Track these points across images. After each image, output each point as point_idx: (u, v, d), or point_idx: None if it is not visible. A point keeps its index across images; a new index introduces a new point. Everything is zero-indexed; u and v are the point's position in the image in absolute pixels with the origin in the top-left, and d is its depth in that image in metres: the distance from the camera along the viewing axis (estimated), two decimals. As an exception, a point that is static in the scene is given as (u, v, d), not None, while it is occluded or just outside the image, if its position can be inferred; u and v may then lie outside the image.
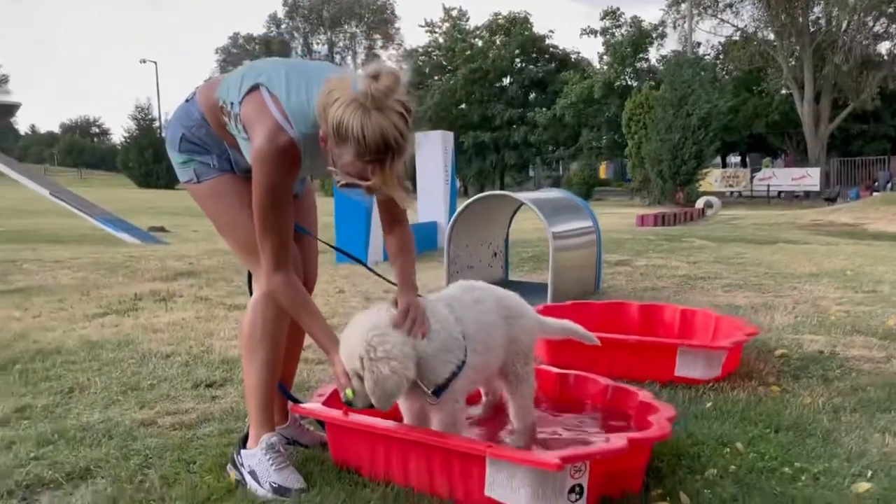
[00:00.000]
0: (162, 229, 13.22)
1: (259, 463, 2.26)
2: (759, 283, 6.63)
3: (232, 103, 2.17)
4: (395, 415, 2.34)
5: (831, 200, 29.67)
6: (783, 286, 6.45)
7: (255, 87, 2.13)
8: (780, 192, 35.54)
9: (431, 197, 9.66)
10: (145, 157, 49.69)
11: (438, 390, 2.15)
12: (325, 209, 2.57)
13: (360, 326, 2.09)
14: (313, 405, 2.47)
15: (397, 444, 2.20)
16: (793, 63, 37.28)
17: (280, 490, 2.19)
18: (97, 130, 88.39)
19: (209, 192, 2.33)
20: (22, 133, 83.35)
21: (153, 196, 34.70)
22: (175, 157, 2.35)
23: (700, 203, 24.02)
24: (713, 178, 34.94)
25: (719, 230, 14.79)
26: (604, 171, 46.19)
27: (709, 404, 3.07)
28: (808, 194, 33.92)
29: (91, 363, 3.76)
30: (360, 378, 2.04)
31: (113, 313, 5.17)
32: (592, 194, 35.53)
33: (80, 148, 74.48)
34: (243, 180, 2.31)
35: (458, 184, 10.48)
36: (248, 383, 2.36)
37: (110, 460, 2.47)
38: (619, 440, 2.07)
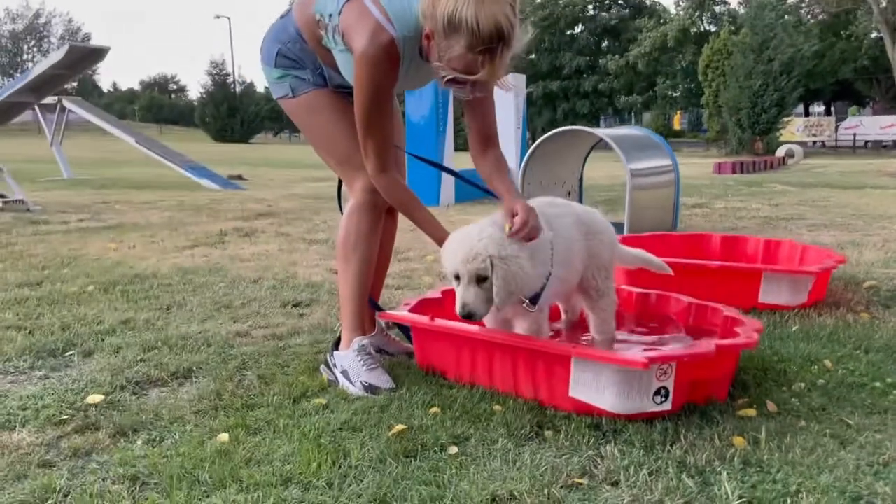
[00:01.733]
0: (240, 177, 13.53)
1: (351, 363, 2.36)
2: (847, 223, 6.41)
3: (330, 15, 2.20)
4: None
5: (924, 149, 28.14)
6: (872, 226, 6.21)
7: None
8: (867, 142, 33.91)
9: (503, 141, 9.56)
10: (220, 112, 50.86)
11: (535, 297, 2.19)
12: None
13: (475, 232, 2.10)
14: (401, 312, 2.54)
15: (482, 346, 2.26)
16: (884, 5, 35.09)
17: (371, 388, 2.28)
18: (174, 87, 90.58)
19: (305, 105, 2.39)
20: (105, 90, 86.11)
21: (229, 149, 35.58)
22: (270, 73, 2.41)
23: (781, 152, 23.14)
24: (795, 128, 33.55)
25: (802, 177, 14.26)
26: (678, 121, 44.88)
27: (795, 328, 3.02)
28: (897, 143, 32.26)
29: (185, 286, 3.95)
30: (481, 279, 2.06)
31: (201, 245, 5.39)
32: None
33: (158, 104, 76.59)
34: (338, 95, 2.38)
35: (527, 135, 10.38)
36: (343, 291, 2.46)
37: (210, 363, 2.62)
38: (706, 344, 2.07)
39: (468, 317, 2.09)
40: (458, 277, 2.09)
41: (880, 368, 2.50)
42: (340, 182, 2.57)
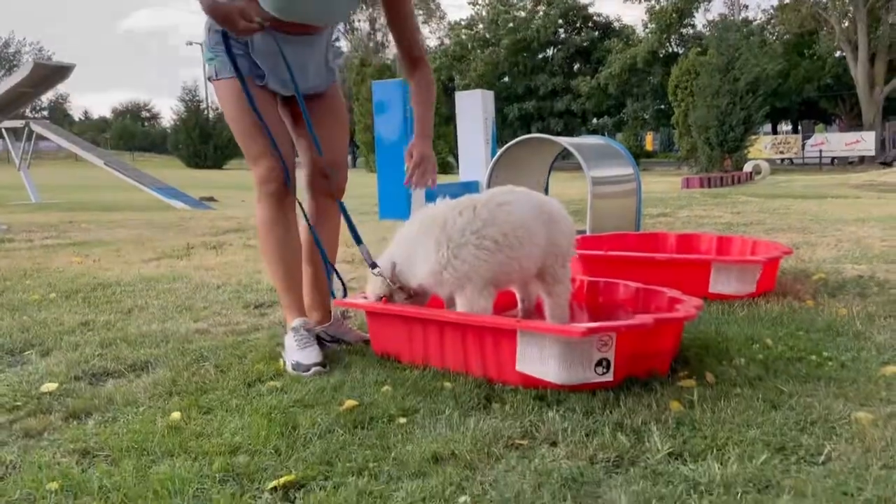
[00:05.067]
0: (211, 199, 13.57)
1: (288, 343, 2.49)
2: (804, 227, 6.57)
3: None
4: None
5: (887, 164, 28.77)
6: (827, 229, 6.38)
7: None
8: (833, 159, 34.57)
9: (472, 156, 9.74)
10: (193, 138, 50.63)
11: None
12: (369, 183, 2.77)
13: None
14: (352, 299, 2.60)
15: (433, 325, 2.33)
16: (846, 24, 36.09)
17: (297, 366, 2.38)
18: (147, 115, 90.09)
19: (222, 89, 2.49)
20: (76, 119, 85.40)
21: (202, 174, 35.46)
22: (205, 54, 2.51)
23: (748, 167, 23.55)
24: (763, 146, 34.10)
25: (767, 189, 14.55)
26: (650, 142, 45.51)
27: (742, 313, 3.12)
28: (862, 159, 32.93)
29: (148, 291, 3.97)
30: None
31: (167, 258, 5.41)
32: (639, 165, 35.03)
33: (131, 132, 76.00)
34: (255, 86, 2.48)
35: (497, 151, 10.54)
36: (270, 277, 2.64)
37: (168, 356, 2.65)
38: (645, 318, 2.15)
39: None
40: None
41: (818, 345, 2.59)
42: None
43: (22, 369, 2.54)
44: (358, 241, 2.57)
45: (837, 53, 38.05)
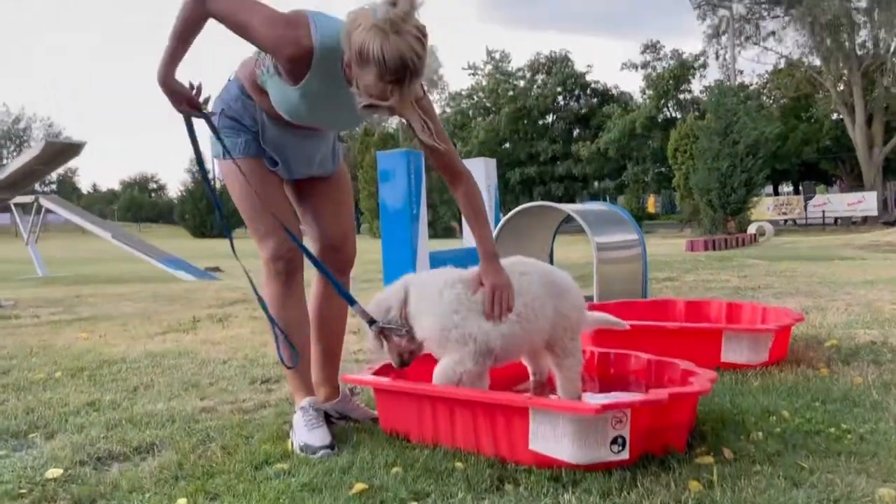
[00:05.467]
0: (217, 269, 13.61)
1: (296, 424, 2.44)
2: (812, 290, 6.54)
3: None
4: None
5: (891, 224, 28.85)
6: (836, 292, 6.35)
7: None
8: (836, 219, 34.73)
9: (477, 223, 9.76)
10: (199, 209, 51.27)
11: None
12: (373, 249, 2.77)
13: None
14: (361, 375, 2.57)
15: (443, 403, 2.29)
16: (841, 88, 36.73)
17: (306, 448, 2.33)
18: (154, 186, 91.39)
19: (229, 168, 2.51)
20: (84, 192, 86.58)
21: (208, 244, 35.67)
22: (212, 135, 2.53)
23: (752, 229, 23.64)
24: (765, 207, 34.33)
25: (772, 252, 14.55)
26: (652, 204, 45.86)
27: (756, 383, 3.08)
28: (865, 219, 33.06)
29: (154, 368, 3.94)
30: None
31: (173, 332, 5.39)
32: (641, 228, 35.18)
33: (138, 204, 77.06)
34: (259, 165, 2.51)
35: (501, 218, 10.61)
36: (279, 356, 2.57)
37: (174, 437, 2.61)
38: (659, 392, 2.12)
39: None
40: None
41: (836, 416, 2.55)
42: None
43: (27, 453, 2.49)
44: (351, 301, 2.53)
45: (835, 116, 38.61)
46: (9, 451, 2.55)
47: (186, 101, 2.32)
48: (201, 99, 2.36)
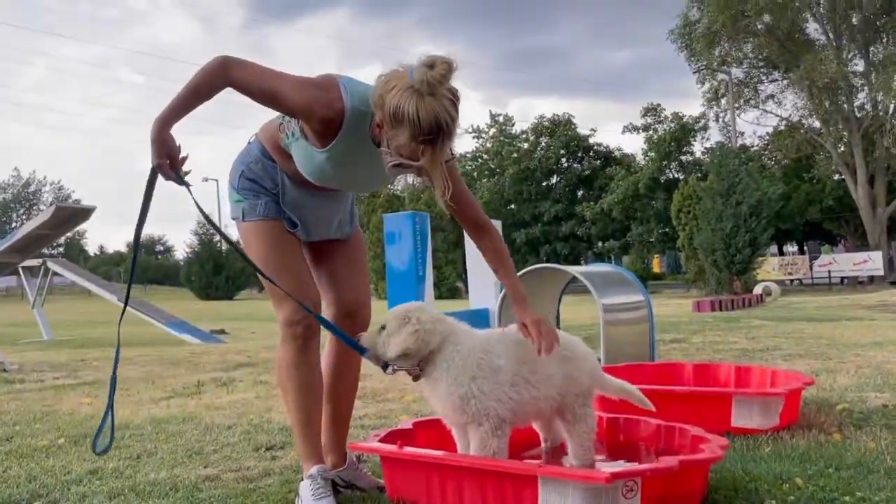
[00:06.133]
0: (222, 331, 13.60)
1: (304, 492, 2.41)
2: (821, 352, 6.49)
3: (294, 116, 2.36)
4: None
5: (898, 284, 28.77)
6: (846, 354, 6.30)
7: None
8: (842, 279, 34.66)
9: (482, 283, 9.79)
10: (206, 270, 51.43)
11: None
12: (378, 309, 2.78)
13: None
14: (368, 442, 2.55)
15: (450, 472, 2.26)
16: (842, 149, 37.11)
17: None
18: (161, 248, 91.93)
19: (249, 231, 2.52)
20: (91, 254, 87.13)
21: (213, 305, 35.71)
22: (231, 195, 2.56)
23: (758, 289, 23.58)
24: (771, 267, 34.32)
25: (779, 312, 14.49)
26: (658, 264, 45.90)
27: (767, 449, 3.03)
28: (871, 279, 32.98)
29: (157, 435, 3.90)
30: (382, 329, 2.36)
31: (177, 396, 5.35)
32: (647, 288, 35.08)
33: (144, 265, 77.36)
34: (280, 229, 2.51)
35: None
36: (290, 422, 2.57)
37: (177, 507, 2.57)
38: (670, 460, 2.09)
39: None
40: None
41: (850, 484, 2.50)
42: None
43: (27, 524, 2.45)
44: (361, 350, 2.50)
45: (836, 176, 38.90)
46: (9, 521, 2.51)
47: (170, 160, 2.24)
48: (184, 168, 2.30)
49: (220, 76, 2.19)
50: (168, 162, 2.23)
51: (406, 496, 2.41)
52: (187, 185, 2.34)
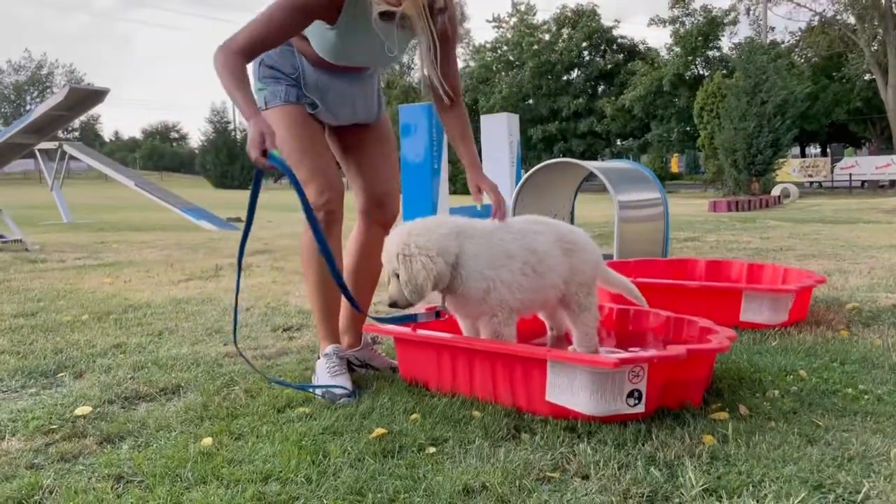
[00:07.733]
0: (238, 219, 13.67)
1: (320, 369, 2.51)
2: (836, 254, 6.49)
3: None
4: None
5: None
6: (860, 255, 6.29)
7: None
8: (863, 182, 34.11)
9: (498, 178, 9.70)
10: (221, 159, 51.38)
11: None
12: None
13: (405, 230, 2.31)
14: (383, 324, 2.61)
15: (462, 353, 2.32)
16: (875, 48, 35.71)
17: (327, 393, 2.38)
18: (176, 135, 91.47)
19: (273, 117, 2.50)
20: (106, 140, 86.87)
21: (229, 194, 35.87)
22: (254, 85, 2.54)
23: (776, 191, 23.33)
24: (791, 169, 33.74)
25: (796, 214, 14.39)
26: (676, 164, 45.26)
27: (774, 343, 3.08)
28: (893, 183, 32.47)
29: (178, 314, 4.01)
30: (397, 277, 2.27)
31: (196, 279, 5.47)
32: (664, 187, 34.80)
33: (160, 152, 77.25)
34: (301, 111, 2.52)
35: (522, 174, 10.56)
36: (310, 303, 2.64)
37: (199, 380, 2.67)
38: (677, 348, 2.13)
39: (392, 305, 2.33)
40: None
41: (854, 377, 2.56)
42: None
43: (56, 392, 2.57)
44: (357, 308, 2.56)
45: (867, 76, 37.62)
46: (39, 389, 2.63)
47: (261, 149, 2.19)
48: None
49: (226, 56, 2.20)
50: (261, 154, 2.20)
51: (418, 376, 2.50)
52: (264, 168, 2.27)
